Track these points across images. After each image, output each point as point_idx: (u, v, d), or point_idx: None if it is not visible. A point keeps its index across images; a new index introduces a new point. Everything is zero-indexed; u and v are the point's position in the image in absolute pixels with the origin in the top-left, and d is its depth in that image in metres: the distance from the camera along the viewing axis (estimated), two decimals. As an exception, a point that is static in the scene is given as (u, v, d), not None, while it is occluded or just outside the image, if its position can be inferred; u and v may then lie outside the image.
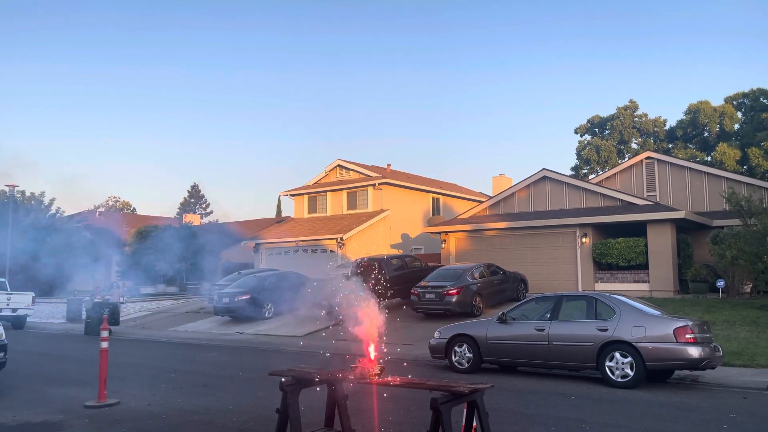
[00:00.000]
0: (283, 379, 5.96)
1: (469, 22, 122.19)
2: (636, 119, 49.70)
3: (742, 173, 33.27)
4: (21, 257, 38.43)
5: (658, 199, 25.74)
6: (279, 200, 55.98)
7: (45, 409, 8.69)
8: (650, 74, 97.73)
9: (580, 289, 22.24)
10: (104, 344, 9.22)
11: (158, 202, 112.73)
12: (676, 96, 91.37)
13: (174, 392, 9.98)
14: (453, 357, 12.08)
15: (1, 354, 10.05)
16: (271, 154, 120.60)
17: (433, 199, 36.10)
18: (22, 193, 43.86)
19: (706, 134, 46.57)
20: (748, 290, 20.83)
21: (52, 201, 45.66)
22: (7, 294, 23.69)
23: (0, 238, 39.25)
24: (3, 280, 25.68)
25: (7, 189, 39.46)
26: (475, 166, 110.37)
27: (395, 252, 29.88)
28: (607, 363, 10.23)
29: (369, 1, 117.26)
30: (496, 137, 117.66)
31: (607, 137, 49.41)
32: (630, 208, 23.29)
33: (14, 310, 23.52)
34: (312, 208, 35.86)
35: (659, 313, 10.82)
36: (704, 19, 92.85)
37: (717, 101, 47.10)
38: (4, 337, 10.22)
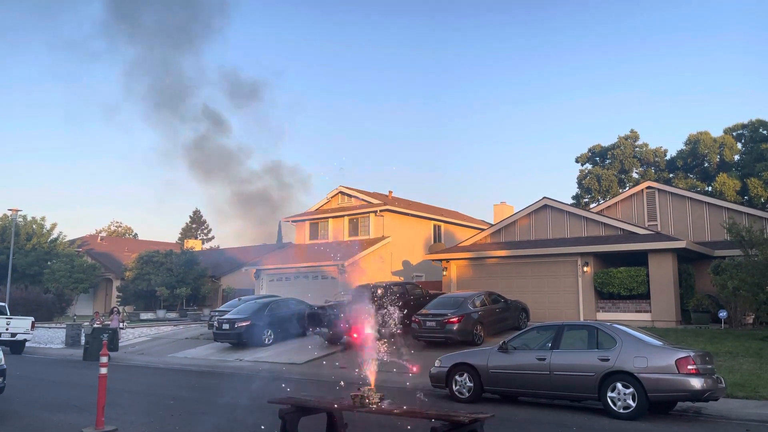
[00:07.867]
0: (282, 407, 5.95)
1: (473, 51, 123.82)
2: (637, 149, 49.95)
3: (742, 203, 33.28)
4: (21, 281, 38.37)
5: (659, 229, 25.74)
6: (280, 226, 55.90)
7: (42, 435, 8.62)
8: (651, 104, 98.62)
9: (581, 319, 22.12)
10: (103, 370, 9.17)
11: (160, 227, 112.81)
12: (677, 126, 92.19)
13: (172, 419, 9.90)
14: (454, 386, 12.00)
15: (0, 379, 10.00)
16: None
17: (435, 226, 36.09)
18: (24, 217, 43.97)
19: (706, 164, 46.76)
20: (751, 321, 20.72)
21: (53, 226, 45.77)
22: (6, 318, 23.56)
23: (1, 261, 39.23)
24: (3, 304, 25.58)
25: (9, 213, 39.60)
26: (477, 195, 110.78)
27: (396, 279, 29.80)
28: (609, 393, 10.16)
29: (376, 29, 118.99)
30: (498, 166, 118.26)
31: (608, 166, 49.59)
32: (631, 237, 23.29)
33: (13, 334, 23.38)
34: (313, 234, 35.84)
35: (661, 343, 10.78)
36: (705, 51, 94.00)
37: (717, 132, 47.42)
38: (3, 362, 10.19)
